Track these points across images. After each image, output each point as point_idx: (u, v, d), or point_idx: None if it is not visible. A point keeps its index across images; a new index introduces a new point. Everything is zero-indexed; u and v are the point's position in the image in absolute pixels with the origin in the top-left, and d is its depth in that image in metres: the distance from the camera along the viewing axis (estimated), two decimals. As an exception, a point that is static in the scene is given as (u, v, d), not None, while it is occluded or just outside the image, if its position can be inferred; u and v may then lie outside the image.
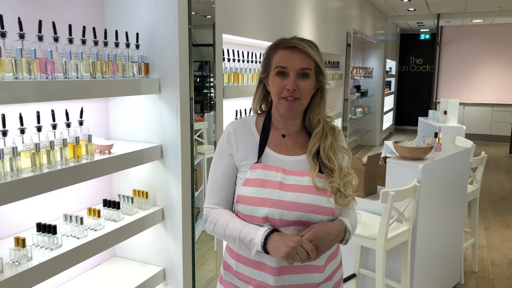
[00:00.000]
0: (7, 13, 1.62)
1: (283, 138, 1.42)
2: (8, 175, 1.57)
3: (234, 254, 1.41)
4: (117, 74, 2.04)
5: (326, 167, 1.36)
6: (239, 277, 1.40)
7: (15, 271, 1.60)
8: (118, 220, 2.14)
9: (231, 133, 1.43)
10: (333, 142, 1.39)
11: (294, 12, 4.24)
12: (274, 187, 1.31)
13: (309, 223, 1.31)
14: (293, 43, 1.33)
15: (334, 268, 1.43)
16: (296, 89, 1.32)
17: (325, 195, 1.31)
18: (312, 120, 1.41)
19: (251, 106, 1.49)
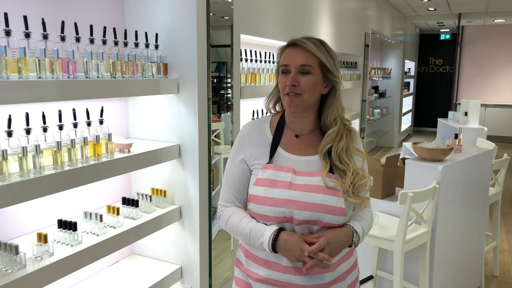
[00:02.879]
0: (31, 14, 1.66)
1: (296, 138, 1.42)
2: (31, 172, 1.61)
3: (244, 250, 1.44)
4: (137, 74, 2.07)
5: (338, 168, 1.36)
6: (248, 273, 1.41)
7: (37, 266, 1.63)
8: (136, 218, 2.17)
9: (245, 135, 1.46)
10: (348, 144, 1.38)
11: (311, 12, 4.24)
12: (283, 187, 1.32)
13: (318, 223, 1.31)
14: (294, 40, 1.35)
15: (347, 268, 1.42)
16: (296, 85, 1.33)
17: (336, 195, 1.31)
18: (327, 119, 1.41)
19: (264, 105, 1.51)
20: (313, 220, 1.30)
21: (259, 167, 1.38)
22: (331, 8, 4.80)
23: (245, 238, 1.36)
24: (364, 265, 2.92)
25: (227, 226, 1.42)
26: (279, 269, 1.34)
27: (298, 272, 1.33)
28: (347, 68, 5.49)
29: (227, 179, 1.45)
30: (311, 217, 1.30)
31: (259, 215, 1.35)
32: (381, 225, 2.63)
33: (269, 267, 1.36)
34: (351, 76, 5.56)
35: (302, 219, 1.30)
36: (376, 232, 2.53)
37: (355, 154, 1.40)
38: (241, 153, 1.43)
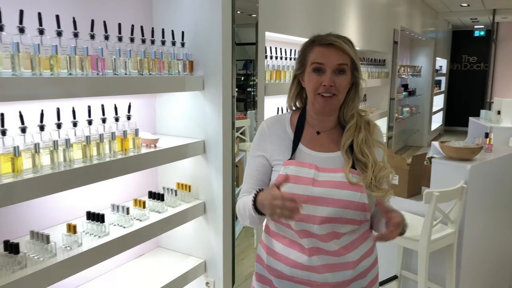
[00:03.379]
0: (63, 13, 1.72)
1: (317, 135, 1.43)
2: (62, 165, 1.68)
3: (265, 247, 1.44)
4: (163, 71, 2.12)
5: (359, 161, 1.35)
6: (269, 269, 1.42)
7: (66, 255, 1.70)
8: (162, 212, 2.22)
9: (265, 130, 1.47)
10: (367, 136, 1.38)
11: (338, 9, 4.20)
12: (307, 184, 1.32)
13: (342, 219, 1.31)
14: (330, 40, 1.33)
15: (369, 265, 1.42)
16: (332, 85, 1.32)
17: (359, 190, 1.31)
18: (346, 115, 1.41)
19: (286, 103, 1.51)
20: (336, 217, 1.31)
21: (281, 163, 1.39)
22: (358, 4, 4.75)
23: (244, 214, 1.38)
24: (388, 265, 2.89)
25: (239, 212, 1.43)
26: (300, 266, 1.35)
27: (319, 270, 1.34)
28: (374, 66, 5.41)
29: (247, 172, 1.47)
30: (335, 213, 1.30)
31: None
32: (406, 224, 2.60)
33: (291, 263, 1.37)
34: (379, 74, 5.48)
35: (326, 215, 1.30)
36: (401, 231, 2.50)
37: (376, 146, 1.40)
38: (261, 147, 1.45)
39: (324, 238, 1.33)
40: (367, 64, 5.12)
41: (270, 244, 1.43)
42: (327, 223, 1.31)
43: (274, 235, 1.43)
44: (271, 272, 1.41)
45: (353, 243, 1.36)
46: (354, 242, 1.37)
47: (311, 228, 1.32)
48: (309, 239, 1.33)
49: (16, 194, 1.49)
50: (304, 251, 1.34)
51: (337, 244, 1.33)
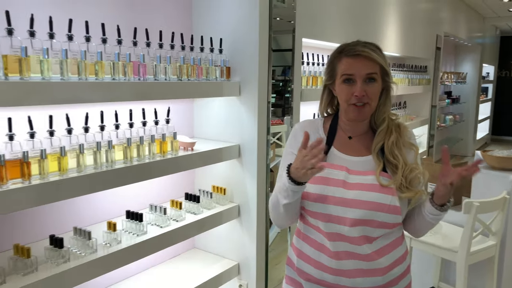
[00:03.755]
0: (108, 21, 1.82)
1: (349, 140, 1.44)
2: (104, 165, 1.77)
3: (296, 250, 1.46)
4: (201, 77, 2.19)
5: (390, 163, 1.35)
6: (299, 273, 1.44)
7: (106, 251, 1.79)
8: (197, 213, 2.28)
9: (298, 132, 1.49)
10: (398, 138, 1.38)
11: (378, 15, 4.16)
12: (337, 185, 1.33)
13: (374, 222, 1.31)
14: (357, 51, 1.33)
15: (400, 273, 1.40)
16: (364, 95, 1.33)
17: (389, 193, 1.31)
18: (378, 119, 1.41)
19: (318, 110, 1.53)
20: (367, 220, 1.31)
21: None
22: (399, 9, 4.68)
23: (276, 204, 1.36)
24: (425, 276, 2.82)
25: (270, 208, 1.43)
26: (330, 270, 1.36)
27: (349, 274, 1.34)
28: (415, 72, 5.30)
29: (280, 173, 1.49)
30: (365, 215, 1.30)
31: (312, 212, 1.37)
32: (445, 234, 2.53)
33: (320, 267, 1.38)
34: (420, 80, 5.35)
35: (357, 218, 1.31)
36: (439, 242, 2.44)
37: (407, 148, 1.39)
38: (295, 148, 1.46)
39: (356, 241, 1.33)
40: (407, 71, 5.02)
41: (300, 247, 1.44)
42: (358, 225, 1.31)
43: (305, 238, 1.44)
44: (301, 275, 1.43)
45: (385, 248, 1.36)
46: (386, 247, 1.36)
47: (342, 230, 1.33)
48: (340, 242, 1.34)
49: (61, 191, 1.59)
50: (334, 254, 1.35)
51: (370, 248, 1.33)
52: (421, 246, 2.49)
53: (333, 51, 1.43)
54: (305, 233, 1.44)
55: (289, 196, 1.32)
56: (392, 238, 1.38)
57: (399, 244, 1.40)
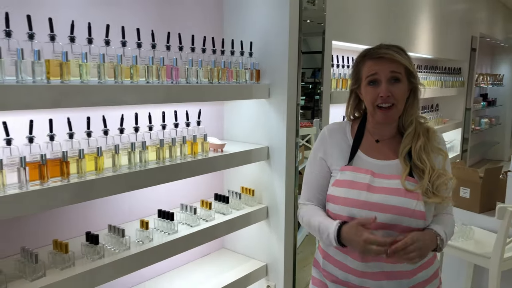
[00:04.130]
0: (143, 26, 1.89)
1: (376, 143, 1.44)
2: (138, 165, 1.83)
3: (322, 251, 1.47)
4: (231, 80, 2.23)
5: (417, 168, 1.35)
6: (325, 274, 1.45)
7: (139, 249, 1.85)
8: (226, 214, 2.32)
9: (326, 136, 1.50)
10: (426, 143, 1.37)
11: (410, 16, 4.11)
12: (361, 189, 1.34)
13: (398, 226, 1.31)
14: (380, 54, 1.35)
15: (427, 277, 1.39)
16: (389, 95, 1.33)
17: (415, 198, 1.30)
18: (405, 121, 1.41)
19: (345, 114, 1.54)
20: (392, 224, 1.31)
21: (338, 169, 1.42)
22: (432, 10, 4.60)
23: (316, 233, 1.41)
24: (457, 282, 2.76)
25: (303, 222, 1.48)
26: (355, 272, 1.36)
27: (374, 276, 1.34)
28: (448, 75, 5.18)
29: (307, 177, 1.51)
30: (390, 220, 1.30)
31: (337, 215, 1.38)
32: (477, 240, 2.48)
33: (346, 269, 1.39)
34: (453, 83, 5.23)
35: (382, 221, 1.31)
36: (471, 248, 2.39)
37: (435, 153, 1.38)
38: (321, 152, 1.48)
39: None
40: (440, 73, 4.92)
41: (326, 248, 1.46)
42: (382, 229, 1.31)
43: None
44: (327, 276, 1.44)
45: None
46: None
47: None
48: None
49: (97, 190, 1.66)
50: (358, 257, 1.35)
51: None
52: (453, 251, 2.45)
53: (357, 56, 1.44)
54: None
55: (325, 243, 1.40)
56: None
57: None
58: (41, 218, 1.83)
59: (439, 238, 1.32)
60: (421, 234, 1.28)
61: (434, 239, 1.31)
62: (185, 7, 2.33)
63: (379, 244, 1.24)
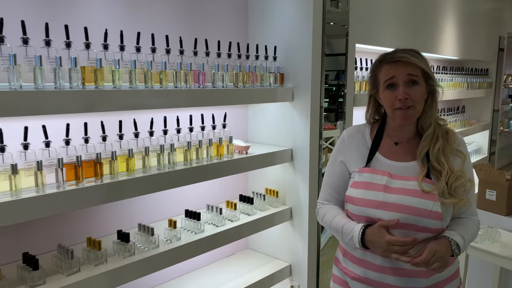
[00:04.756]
0: (171, 33, 1.96)
1: (395, 146, 1.47)
2: (167, 166, 1.90)
3: (342, 249, 1.52)
4: (256, 84, 2.28)
5: (435, 170, 1.37)
6: (345, 271, 1.49)
7: (167, 247, 1.92)
8: (251, 214, 2.37)
9: (345, 140, 1.55)
10: (445, 145, 1.39)
11: (434, 18, 4.07)
12: (379, 190, 1.37)
13: (415, 226, 1.33)
14: (396, 58, 1.38)
15: (446, 277, 1.41)
16: (407, 98, 1.36)
17: (431, 199, 1.33)
18: (424, 123, 1.43)
19: (365, 119, 1.58)
20: (408, 224, 1.33)
21: (356, 171, 1.46)
22: (458, 11, 4.55)
23: (337, 234, 1.46)
24: (483, 285, 2.73)
25: (323, 221, 1.53)
26: (374, 269, 1.40)
27: (393, 273, 1.37)
28: (475, 76, 5.10)
29: (326, 179, 1.56)
30: (406, 220, 1.33)
31: (355, 216, 1.42)
32: (503, 242, 2.45)
33: (365, 266, 1.42)
34: (480, 84, 5.14)
35: None
36: (497, 250, 2.37)
37: (454, 155, 1.40)
38: (341, 155, 1.52)
39: None
40: (466, 74, 4.85)
41: (348, 248, 1.49)
42: (398, 228, 1.34)
43: None
44: (348, 274, 1.47)
45: None
46: None
47: None
48: None
49: (128, 190, 1.74)
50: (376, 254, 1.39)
51: (413, 250, 1.35)
52: (478, 254, 2.43)
53: (374, 61, 1.48)
54: None
55: (348, 244, 1.45)
56: None
57: None
58: (76, 216, 1.92)
59: (453, 243, 1.34)
60: (437, 244, 1.32)
61: (449, 246, 1.34)
62: (211, 14, 2.40)
63: (402, 244, 1.28)
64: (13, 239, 1.74)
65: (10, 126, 1.51)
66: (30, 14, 1.65)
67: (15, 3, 1.63)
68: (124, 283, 1.76)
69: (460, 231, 1.38)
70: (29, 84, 1.45)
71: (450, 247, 1.34)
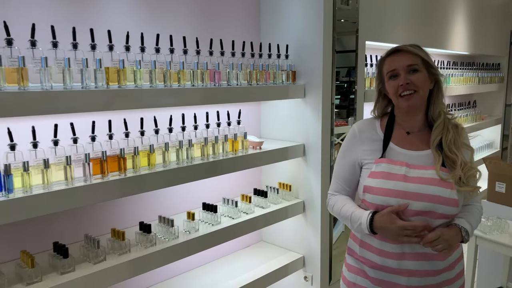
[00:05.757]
0: (188, 34, 2.06)
1: (407, 135, 1.54)
2: (185, 161, 2.00)
3: (358, 240, 1.57)
4: (269, 81, 2.37)
5: (449, 159, 1.44)
6: (363, 260, 1.54)
7: (186, 237, 2.02)
8: (265, 207, 2.46)
9: (356, 133, 1.61)
10: (456, 137, 1.47)
11: (444, 14, 4.11)
12: (398, 180, 1.44)
13: (433, 213, 1.40)
14: (396, 48, 1.49)
15: (456, 257, 1.50)
16: (409, 83, 1.44)
17: (448, 187, 1.40)
18: (434, 113, 1.51)
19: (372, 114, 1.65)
20: (427, 211, 1.40)
21: (372, 162, 1.52)
22: (467, 7, 4.56)
23: (346, 221, 1.54)
24: (493, 276, 2.79)
25: (333, 211, 1.61)
26: (392, 256, 1.46)
27: (411, 258, 1.44)
28: (486, 70, 5.11)
29: (336, 171, 1.63)
30: (426, 207, 1.40)
31: (375, 205, 1.47)
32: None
33: (382, 254, 1.48)
34: (492, 78, 5.15)
35: (417, 209, 1.41)
36: (507, 240, 2.42)
37: (463, 148, 1.48)
38: (352, 149, 1.59)
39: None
40: (477, 69, 4.87)
41: (362, 237, 1.56)
42: (418, 216, 1.41)
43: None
44: (365, 263, 1.53)
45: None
46: None
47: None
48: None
49: (149, 183, 1.84)
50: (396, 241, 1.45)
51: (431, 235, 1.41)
52: (487, 244, 2.48)
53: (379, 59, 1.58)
54: None
55: (356, 230, 1.52)
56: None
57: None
58: (101, 209, 2.03)
59: (463, 230, 1.43)
60: (446, 230, 1.41)
61: (459, 232, 1.43)
62: (225, 16, 2.49)
63: (414, 228, 1.37)
64: (44, 230, 1.85)
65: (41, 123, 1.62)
66: (58, 19, 1.76)
67: (43, 8, 1.74)
68: (146, 271, 1.87)
69: (468, 218, 1.47)
70: (58, 85, 1.56)
71: (460, 233, 1.42)
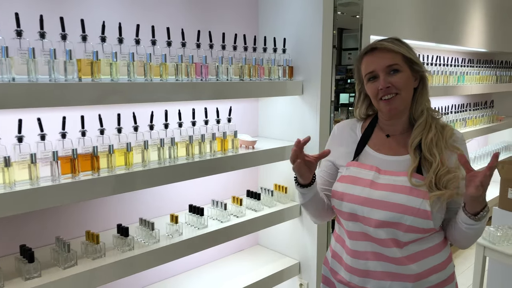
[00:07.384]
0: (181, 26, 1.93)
1: (386, 138, 1.40)
2: (167, 161, 1.88)
3: (332, 251, 1.46)
4: (263, 77, 2.22)
5: (427, 161, 1.28)
6: (332, 273, 1.45)
7: (168, 242, 1.90)
8: (258, 210, 2.33)
9: (335, 133, 1.51)
10: (439, 137, 1.30)
11: (460, 9, 3.89)
12: (364, 185, 1.31)
13: (401, 226, 1.25)
14: (373, 45, 1.32)
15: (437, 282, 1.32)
16: (389, 86, 1.29)
17: (420, 196, 1.24)
18: (415, 112, 1.36)
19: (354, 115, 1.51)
20: (395, 222, 1.26)
21: (345, 165, 1.41)
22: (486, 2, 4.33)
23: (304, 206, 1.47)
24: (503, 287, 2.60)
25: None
26: (357, 272, 1.33)
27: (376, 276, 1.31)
28: (505, 69, 4.85)
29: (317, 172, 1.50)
30: (392, 218, 1.26)
31: (339, 211, 1.38)
32: (525, 245, 2.31)
33: (348, 269, 1.36)
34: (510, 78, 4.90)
35: (382, 219, 1.26)
36: None
37: (449, 150, 1.31)
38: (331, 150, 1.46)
39: (384, 243, 1.29)
40: (495, 67, 4.63)
41: (334, 246, 1.44)
42: (383, 227, 1.27)
43: (337, 238, 1.44)
44: (334, 276, 1.42)
45: (419, 254, 1.29)
46: (420, 253, 1.29)
47: (367, 230, 1.30)
48: (366, 242, 1.31)
49: (126, 183, 1.72)
50: (352, 253, 1.33)
51: (400, 252, 1.28)
52: (497, 256, 2.30)
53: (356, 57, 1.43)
54: (338, 233, 1.44)
55: (300, 198, 1.44)
56: (428, 245, 1.31)
57: (436, 251, 1.31)
58: (78, 210, 1.93)
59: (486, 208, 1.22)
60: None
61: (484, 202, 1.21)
62: (220, 6, 2.35)
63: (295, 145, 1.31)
64: (13, 232, 1.75)
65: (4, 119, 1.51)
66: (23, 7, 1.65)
67: (14, -4, 1.63)
68: (123, 277, 1.75)
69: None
70: (22, 77, 1.44)
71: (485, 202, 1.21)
